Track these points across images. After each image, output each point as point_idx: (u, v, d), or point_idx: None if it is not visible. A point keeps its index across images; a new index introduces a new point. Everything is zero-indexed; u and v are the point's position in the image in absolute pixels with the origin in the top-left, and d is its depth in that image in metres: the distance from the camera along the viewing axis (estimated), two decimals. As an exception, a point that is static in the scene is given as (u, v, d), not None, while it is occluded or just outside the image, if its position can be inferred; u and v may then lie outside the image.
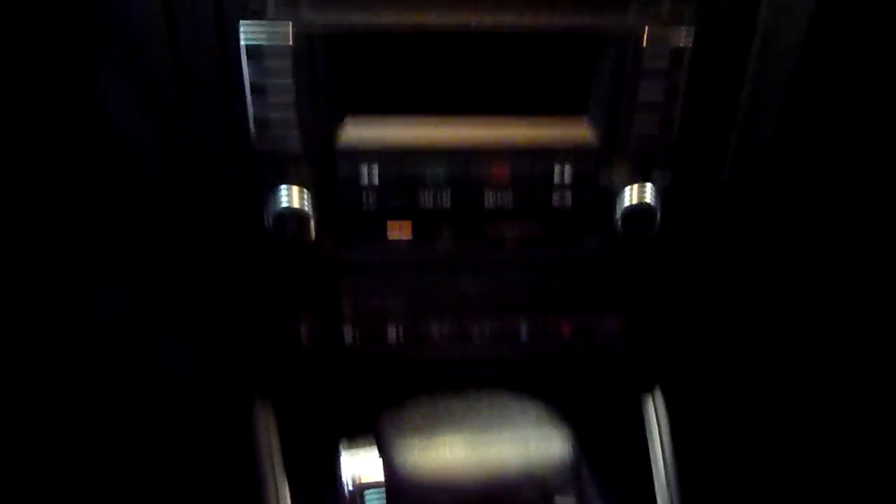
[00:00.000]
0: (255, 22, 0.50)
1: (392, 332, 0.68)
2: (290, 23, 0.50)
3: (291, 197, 0.55)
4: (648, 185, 0.58)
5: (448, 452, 0.68)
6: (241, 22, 0.50)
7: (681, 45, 0.53)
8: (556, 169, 0.57)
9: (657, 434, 0.78)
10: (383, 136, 0.55)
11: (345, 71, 0.53)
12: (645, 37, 0.53)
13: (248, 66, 0.52)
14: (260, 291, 0.64)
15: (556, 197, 0.59)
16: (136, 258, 0.74)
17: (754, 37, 0.55)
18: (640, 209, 0.58)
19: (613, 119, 0.56)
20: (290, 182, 0.56)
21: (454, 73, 0.55)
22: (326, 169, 0.56)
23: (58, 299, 0.82)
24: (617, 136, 0.57)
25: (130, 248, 0.73)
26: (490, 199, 0.58)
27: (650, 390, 0.78)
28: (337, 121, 0.55)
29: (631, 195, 0.58)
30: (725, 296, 0.76)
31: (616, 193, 0.58)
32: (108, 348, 0.85)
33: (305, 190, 0.56)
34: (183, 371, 0.85)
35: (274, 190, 0.56)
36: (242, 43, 0.51)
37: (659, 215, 0.58)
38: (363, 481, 0.67)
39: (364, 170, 0.56)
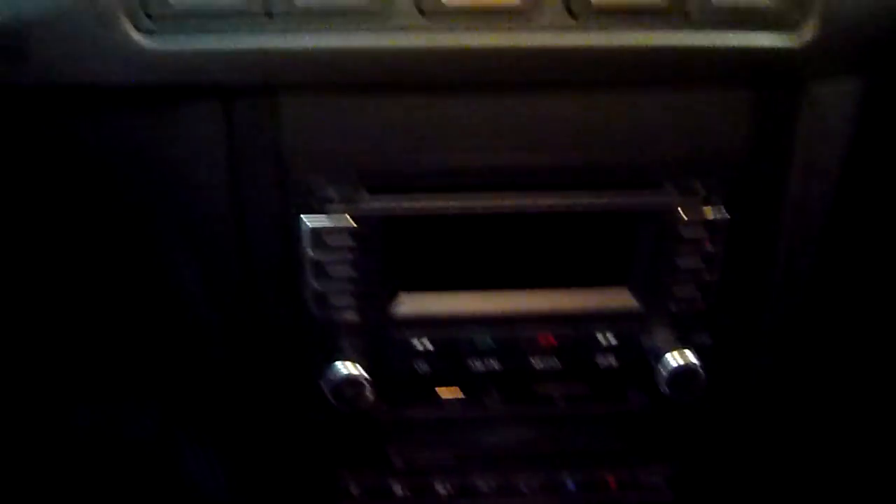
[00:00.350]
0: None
1: (441, 486, 0.69)
2: (349, 214, 0.55)
3: (348, 365, 0.58)
4: (691, 347, 0.60)
5: None
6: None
7: (714, 218, 0.57)
8: (600, 334, 0.60)
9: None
10: (435, 309, 0.59)
11: (399, 251, 0.57)
12: (680, 213, 0.56)
13: (310, 246, 0.56)
14: (310, 446, 0.67)
15: (600, 359, 0.61)
16: (182, 388, 0.77)
17: (784, 205, 0.58)
18: (683, 371, 0.59)
19: (653, 287, 0.59)
20: (346, 348, 0.59)
21: (501, 249, 0.58)
22: (381, 338, 0.59)
23: (94, 418, 0.85)
24: (657, 303, 0.59)
25: (177, 378, 0.75)
26: (537, 362, 0.61)
27: (699, 538, 0.78)
28: (392, 295, 0.59)
29: (674, 358, 0.60)
30: (773, 439, 0.76)
31: (659, 355, 0.60)
32: (141, 468, 0.86)
33: (361, 359, 0.59)
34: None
35: (331, 359, 0.59)
36: (306, 227, 0.55)
37: (703, 374, 0.60)
38: None
39: (416, 340, 0.59)
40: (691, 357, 0.60)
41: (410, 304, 0.59)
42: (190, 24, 0.50)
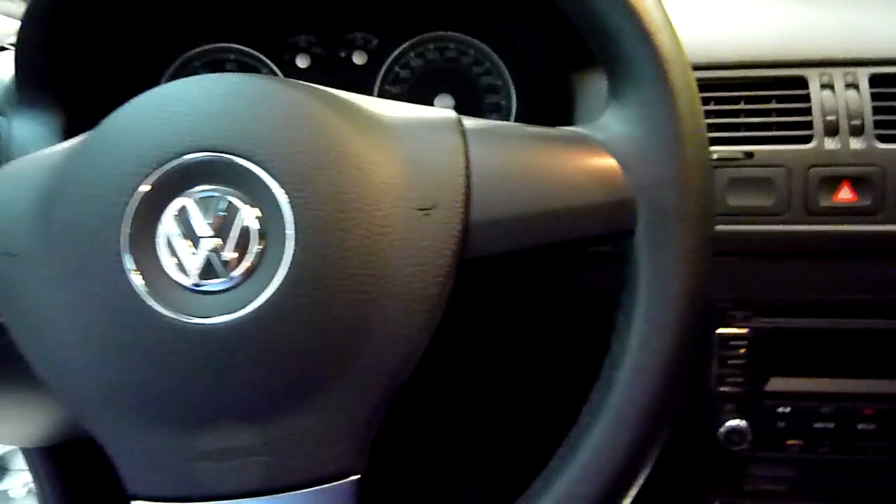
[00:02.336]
0: None
1: (772, 507, 1.01)
2: (746, 328, 0.89)
3: (736, 421, 0.92)
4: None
5: None
6: None
7: None
8: (906, 410, 0.90)
9: None
10: (794, 388, 0.91)
11: (774, 350, 0.90)
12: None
13: (718, 347, 0.90)
14: (688, 474, 1.00)
15: (904, 426, 0.91)
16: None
17: None
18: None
19: None
20: (733, 410, 0.92)
21: (844, 351, 0.90)
22: (756, 404, 0.92)
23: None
24: None
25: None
26: (859, 426, 0.91)
27: None
28: (765, 377, 0.92)
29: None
30: None
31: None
32: None
33: (742, 417, 0.92)
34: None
35: (723, 417, 0.92)
36: (716, 336, 0.90)
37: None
38: None
39: (780, 407, 0.92)
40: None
41: (777, 384, 0.92)
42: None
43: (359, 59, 1.04)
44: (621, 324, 0.51)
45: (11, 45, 1.02)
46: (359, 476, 0.48)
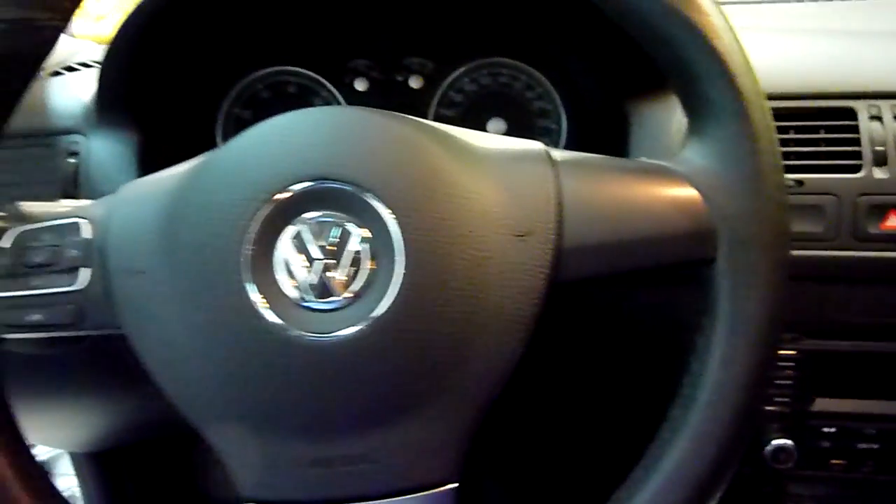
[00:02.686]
0: None
1: (813, 524, 1.03)
2: (792, 350, 0.92)
3: (782, 440, 0.94)
4: None
5: None
6: None
7: None
8: (950, 431, 0.93)
9: None
10: (838, 409, 0.94)
11: (817, 371, 0.93)
12: None
13: (765, 367, 0.93)
14: (739, 491, 1.02)
15: (949, 448, 0.94)
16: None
17: None
18: None
19: None
20: (779, 429, 0.95)
21: (885, 373, 0.93)
22: (802, 424, 0.95)
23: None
24: None
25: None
26: (903, 446, 0.94)
27: None
28: (810, 397, 0.94)
29: None
30: None
31: None
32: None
33: (788, 436, 0.95)
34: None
35: (770, 436, 0.95)
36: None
37: None
38: None
39: (824, 427, 0.94)
40: None
41: (823, 405, 0.94)
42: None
43: (415, 83, 1.08)
44: (701, 346, 0.54)
45: (80, 64, 1.06)
46: (456, 484, 0.51)
